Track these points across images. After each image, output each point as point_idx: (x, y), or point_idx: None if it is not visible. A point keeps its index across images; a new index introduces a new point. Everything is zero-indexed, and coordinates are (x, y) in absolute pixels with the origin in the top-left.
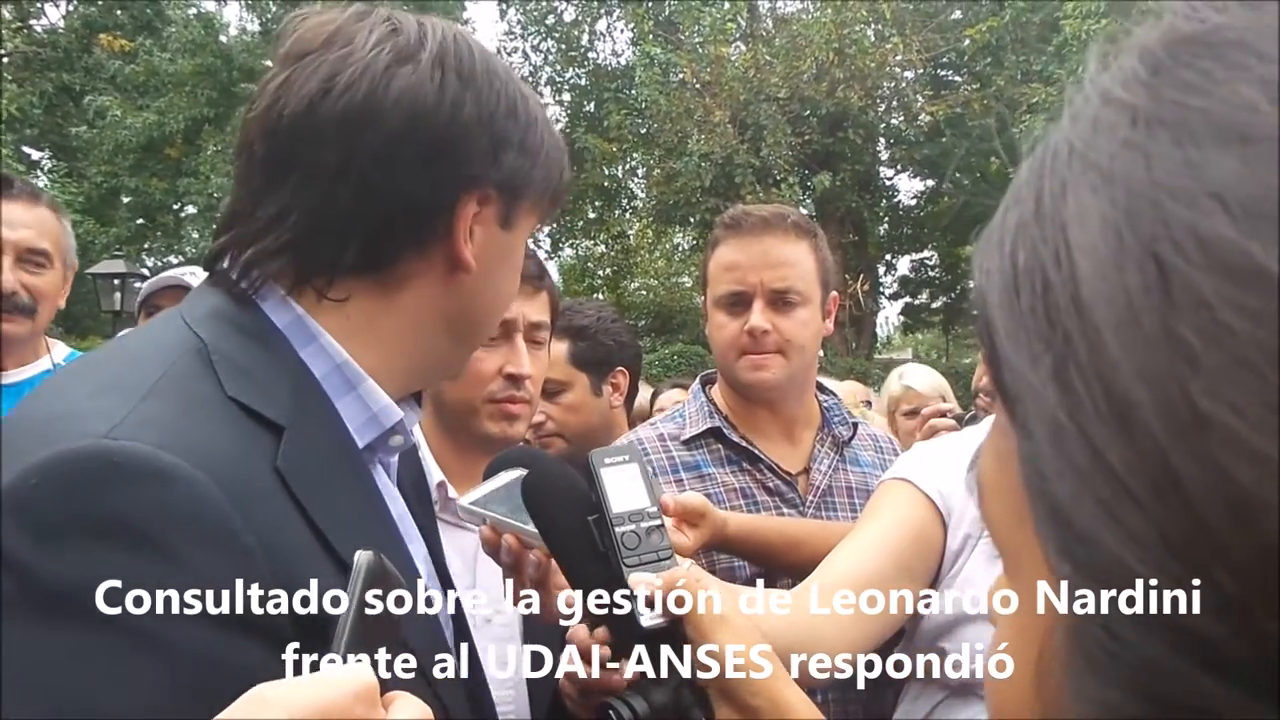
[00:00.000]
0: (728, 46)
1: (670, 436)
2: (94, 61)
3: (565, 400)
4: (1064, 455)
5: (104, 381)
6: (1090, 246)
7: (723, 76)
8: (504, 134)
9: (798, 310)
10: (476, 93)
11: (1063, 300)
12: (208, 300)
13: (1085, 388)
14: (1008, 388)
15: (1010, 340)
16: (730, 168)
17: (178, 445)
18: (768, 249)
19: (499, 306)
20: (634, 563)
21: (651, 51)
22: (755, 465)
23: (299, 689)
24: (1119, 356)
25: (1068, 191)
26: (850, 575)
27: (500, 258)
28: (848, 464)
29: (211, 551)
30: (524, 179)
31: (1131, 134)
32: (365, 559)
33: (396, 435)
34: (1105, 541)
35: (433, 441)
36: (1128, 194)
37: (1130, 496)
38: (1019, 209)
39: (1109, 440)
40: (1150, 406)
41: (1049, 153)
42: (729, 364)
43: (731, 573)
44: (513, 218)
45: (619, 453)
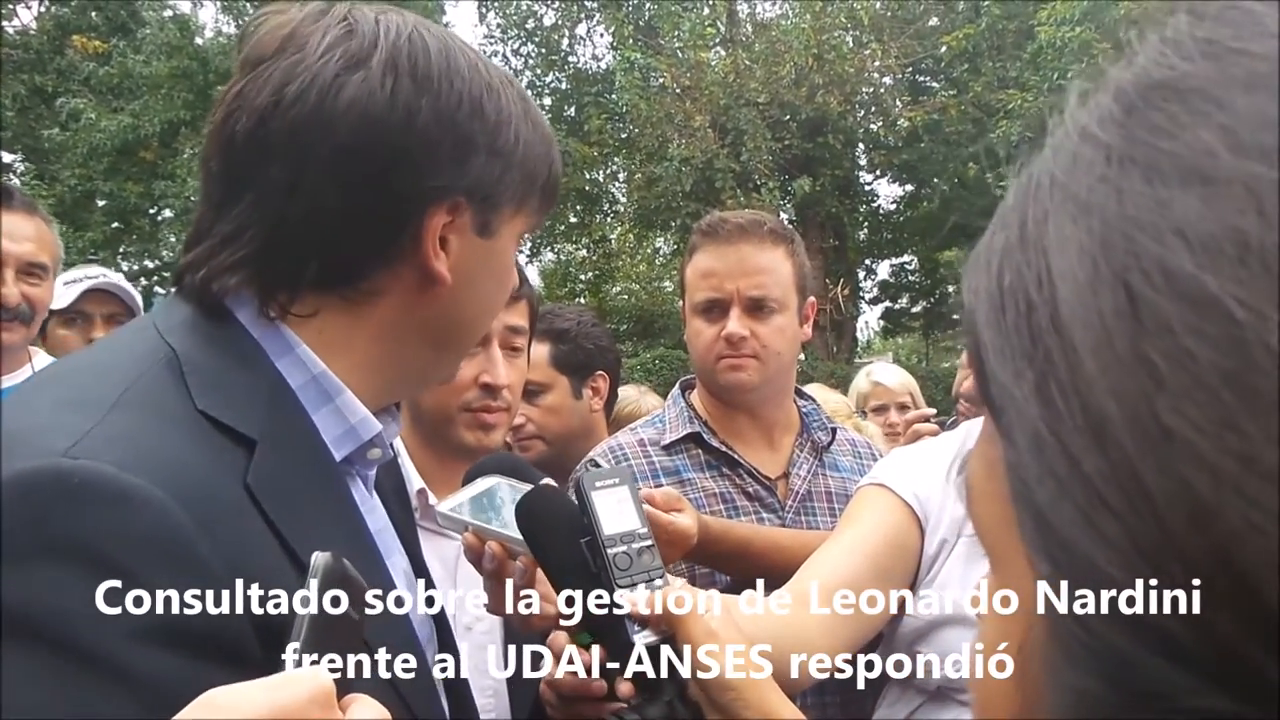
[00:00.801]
0: (707, 51)
1: (650, 442)
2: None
3: (545, 402)
4: (1044, 464)
5: (69, 394)
6: (1069, 272)
7: (702, 81)
8: (468, 138)
9: (774, 317)
10: (434, 96)
11: (1044, 320)
12: (181, 309)
13: (1064, 402)
14: (994, 400)
15: (996, 356)
16: (711, 172)
17: (141, 464)
18: (744, 256)
19: (485, 315)
20: (626, 583)
21: (631, 56)
22: (735, 470)
23: (251, 692)
24: (1094, 374)
25: (1049, 220)
26: (828, 580)
27: (481, 266)
28: (827, 469)
29: (173, 577)
30: (497, 183)
31: (1107, 170)
32: (322, 560)
33: (375, 448)
34: (1081, 545)
35: (412, 448)
36: (1103, 225)
37: (1104, 504)
38: (1005, 233)
39: (1085, 451)
40: (1121, 421)
41: (1033, 182)
42: (707, 369)
43: (713, 581)
44: (492, 224)
45: (609, 475)
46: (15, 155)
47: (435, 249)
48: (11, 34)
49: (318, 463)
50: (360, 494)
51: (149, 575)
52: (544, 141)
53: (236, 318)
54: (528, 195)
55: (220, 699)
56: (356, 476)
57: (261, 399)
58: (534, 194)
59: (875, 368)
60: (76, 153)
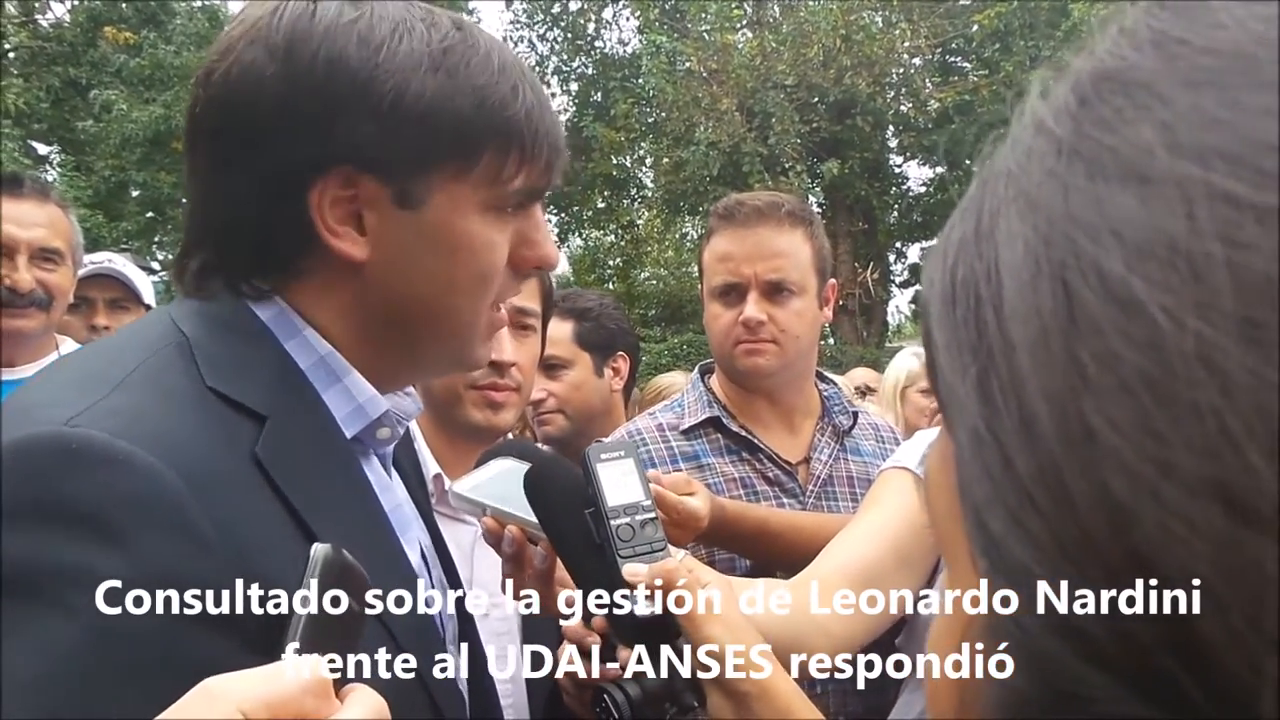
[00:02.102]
0: (734, 34)
1: (669, 426)
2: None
3: (568, 378)
4: (981, 462)
5: (80, 374)
6: (1015, 267)
7: (729, 64)
8: (331, 98)
9: (793, 300)
10: (284, 62)
11: (989, 316)
12: (192, 299)
13: (1002, 400)
14: (941, 395)
15: (944, 350)
16: (738, 156)
17: (139, 433)
18: (761, 240)
19: (452, 295)
20: (628, 554)
21: (658, 40)
22: (755, 455)
23: (247, 682)
24: (1028, 372)
25: (1000, 214)
26: (850, 566)
27: (416, 244)
28: (848, 453)
29: (162, 539)
30: (386, 146)
31: (1055, 164)
32: (321, 551)
33: (383, 427)
34: (1011, 545)
35: (426, 432)
36: (1047, 222)
37: (1033, 504)
38: (962, 226)
39: (1017, 450)
40: (1049, 420)
41: (992, 173)
42: (725, 354)
43: (731, 565)
44: (414, 193)
45: (615, 448)
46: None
47: (330, 226)
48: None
49: (329, 438)
50: (376, 472)
51: (138, 537)
52: (475, 95)
53: (245, 303)
54: (466, 156)
55: (216, 688)
56: (371, 455)
57: (271, 377)
58: (479, 154)
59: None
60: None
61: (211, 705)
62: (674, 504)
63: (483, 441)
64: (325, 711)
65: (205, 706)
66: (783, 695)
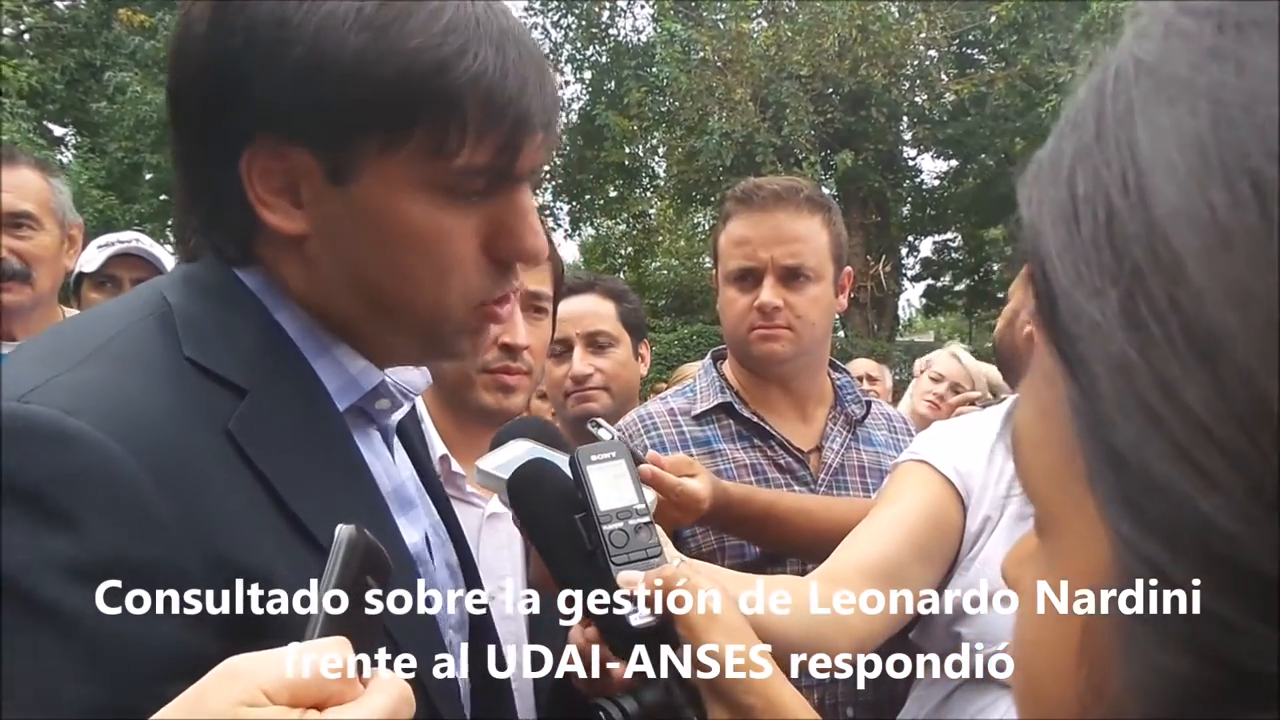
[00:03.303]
0: (749, 23)
1: (680, 411)
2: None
3: (615, 355)
4: (1133, 396)
5: (50, 348)
6: (1166, 165)
7: (744, 54)
8: (246, 62)
9: (809, 287)
10: (217, 26)
11: (1132, 227)
12: (181, 268)
13: (1158, 321)
14: (1065, 327)
15: (1068, 275)
16: (751, 146)
17: (97, 409)
18: (779, 224)
19: (395, 282)
20: (622, 561)
21: (672, 28)
22: (766, 442)
23: (270, 663)
24: (1204, 283)
25: (1135, 110)
26: (868, 561)
27: (348, 221)
28: (860, 443)
29: (112, 518)
30: (306, 114)
31: (1218, 40)
32: (345, 533)
33: (382, 398)
34: (1179, 489)
35: (434, 413)
36: (1213, 104)
37: (1211, 439)
38: (1076, 134)
39: (1186, 377)
40: (1243, 336)
41: (1110, 73)
42: (739, 339)
43: (742, 553)
44: (343, 168)
45: (605, 449)
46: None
47: (261, 197)
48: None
49: (317, 411)
50: (373, 447)
51: (86, 518)
52: (406, 61)
53: (232, 270)
54: (395, 129)
55: (241, 666)
56: (372, 430)
57: (256, 348)
58: (410, 127)
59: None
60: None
61: (233, 684)
62: (672, 485)
63: (492, 424)
64: (348, 696)
65: (227, 685)
66: (786, 706)
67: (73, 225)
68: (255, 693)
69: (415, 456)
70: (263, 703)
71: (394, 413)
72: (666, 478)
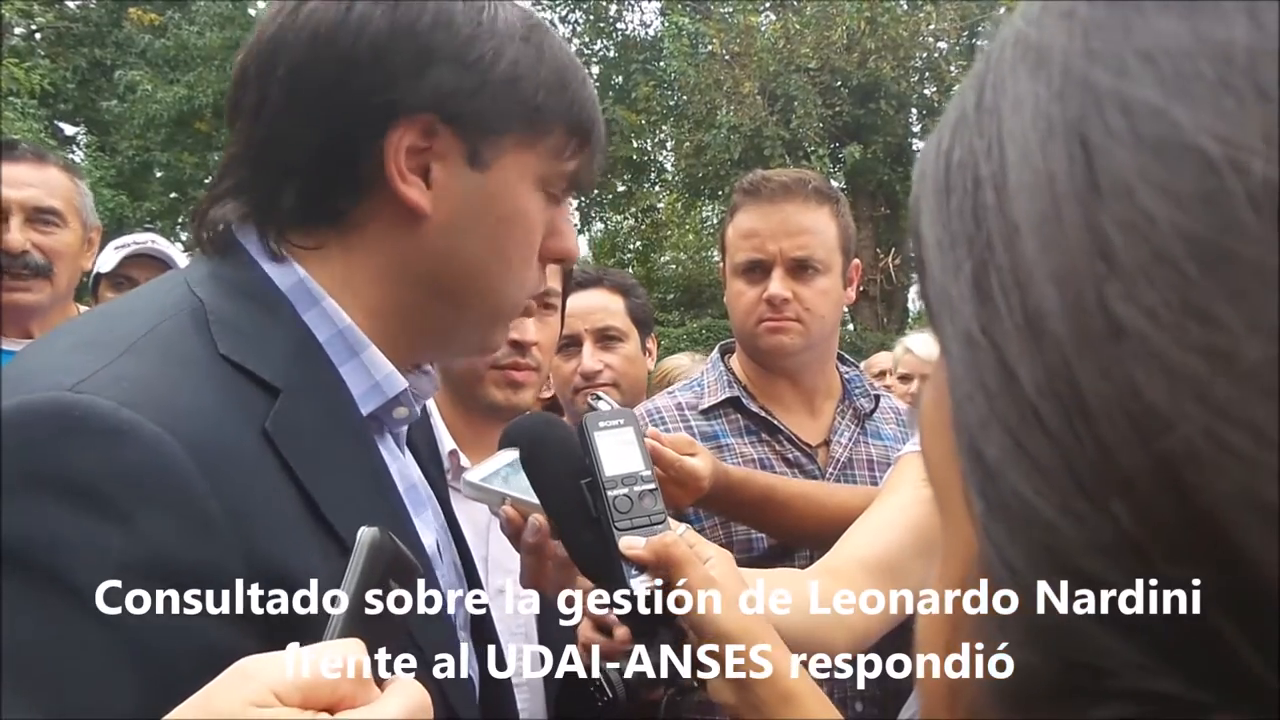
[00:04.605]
0: (757, 16)
1: (688, 405)
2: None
3: (624, 351)
4: (977, 377)
5: (87, 337)
6: (1020, 133)
7: (752, 47)
8: (428, 48)
9: (818, 279)
10: (400, 11)
11: (989, 198)
12: (208, 263)
13: (1003, 295)
14: (931, 305)
15: (935, 249)
16: (760, 140)
17: (146, 402)
18: (787, 216)
19: (500, 267)
20: (625, 526)
21: (680, 22)
22: (774, 436)
23: (282, 663)
24: (1035, 256)
25: (1006, 79)
26: (869, 555)
27: (477, 205)
28: (869, 437)
29: (163, 515)
30: (472, 100)
31: (1074, 4)
32: (368, 536)
33: (400, 406)
34: (1009, 474)
35: (443, 409)
36: (1062, 71)
37: (1038, 421)
38: (960, 103)
39: (1020, 356)
40: (1061, 313)
41: (998, 43)
42: (747, 332)
43: (749, 544)
44: (484, 153)
45: (614, 416)
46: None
47: (402, 172)
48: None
49: (343, 415)
50: (390, 450)
51: (138, 512)
52: (556, 73)
53: (263, 270)
54: (537, 128)
55: (252, 668)
56: (386, 433)
57: (286, 349)
58: (548, 129)
59: (912, 338)
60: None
61: (244, 685)
62: (672, 461)
63: (501, 420)
64: (362, 699)
65: (238, 685)
66: (784, 673)
67: (93, 228)
68: (266, 693)
69: (419, 459)
70: (273, 703)
71: (409, 420)
72: (666, 453)
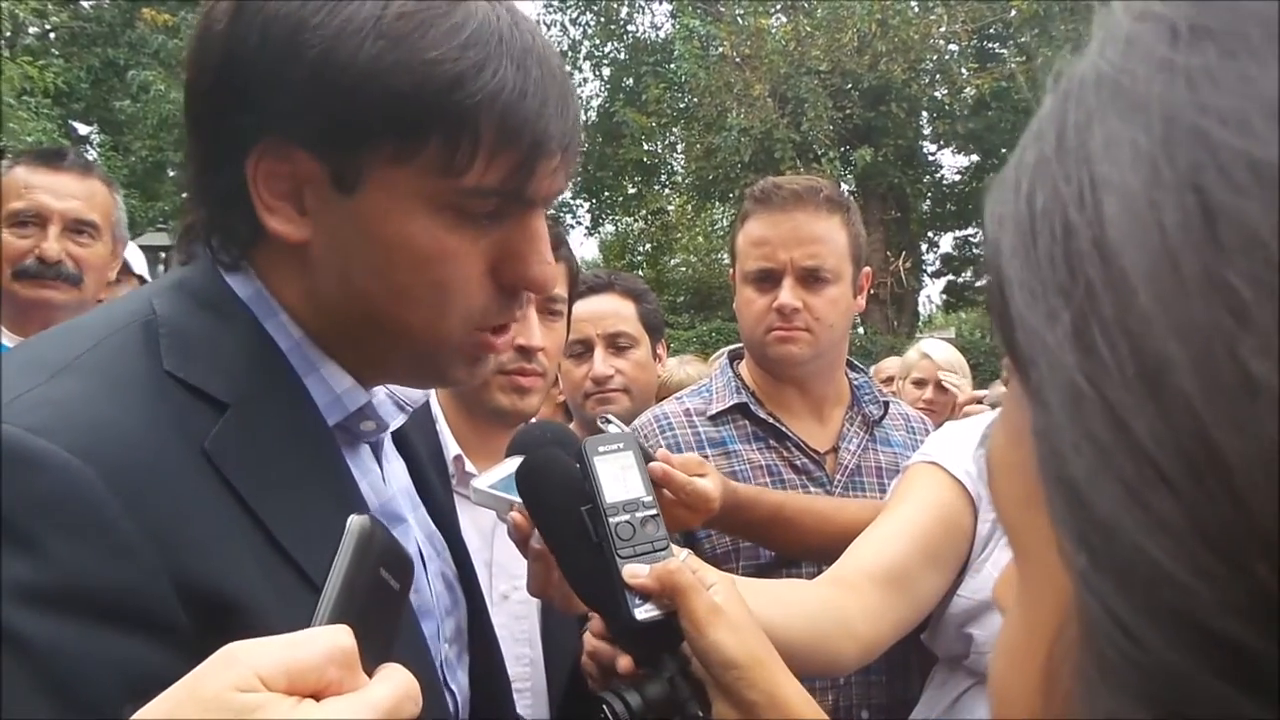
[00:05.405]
0: (768, 18)
1: (696, 411)
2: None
3: (635, 357)
4: (1083, 427)
5: (33, 354)
6: (1120, 182)
7: (763, 49)
8: (261, 62)
9: (828, 288)
10: (237, 24)
11: (1085, 245)
12: (176, 272)
13: (1109, 347)
14: (1021, 350)
15: (1025, 294)
16: (770, 143)
17: (65, 426)
18: (798, 225)
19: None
20: (628, 554)
21: (690, 24)
22: (782, 442)
23: (268, 648)
24: (1151, 309)
25: (1094, 122)
26: (876, 565)
27: (352, 232)
28: (878, 444)
29: (76, 542)
30: (315, 118)
31: (1171, 52)
32: (356, 523)
33: (366, 420)
34: (1127, 528)
35: (449, 414)
36: (1164, 120)
37: (1159, 476)
38: (1038, 145)
39: (1136, 409)
40: (1188, 368)
41: (1075, 81)
42: (757, 340)
43: (756, 552)
44: (349, 175)
45: (613, 440)
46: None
47: (265, 200)
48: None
49: (304, 426)
50: (360, 464)
51: (51, 541)
52: (419, 67)
53: (225, 279)
54: (407, 139)
55: (239, 653)
56: (360, 443)
57: (243, 360)
58: (421, 140)
59: (925, 341)
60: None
61: (229, 669)
62: (683, 484)
63: (507, 425)
64: (349, 684)
65: (223, 670)
66: (791, 703)
67: (120, 240)
68: (251, 678)
69: (415, 465)
70: (257, 688)
71: (378, 434)
72: (677, 476)
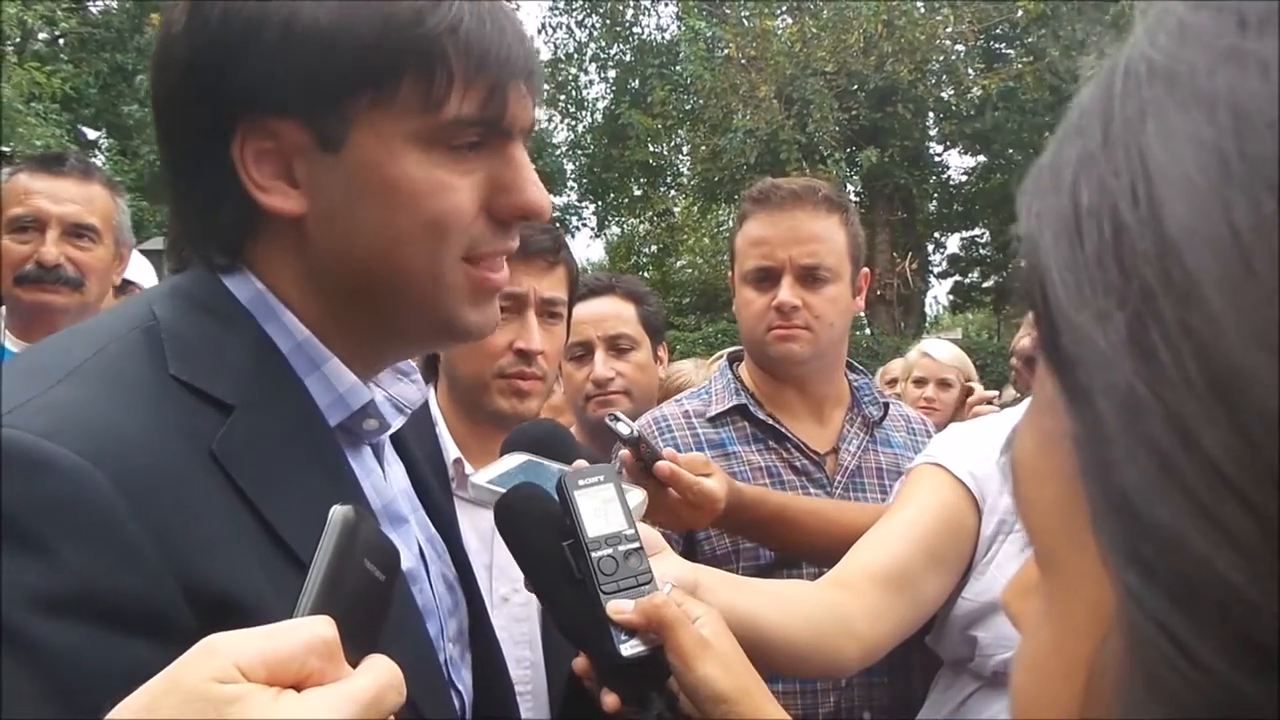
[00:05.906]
0: (773, 20)
1: (695, 413)
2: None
3: (635, 359)
4: (1141, 436)
5: (37, 361)
6: (1182, 179)
7: (768, 51)
8: (228, 42)
9: (827, 287)
10: (193, 19)
11: (1141, 244)
12: (175, 277)
13: (1172, 352)
14: (1065, 352)
15: (1069, 295)
16: (776, 144)
17: (72, 431)
18: (797, 224)
19: (393, 247)
20: (612, 589)
21: (696, 26)
22: (782, 444)
23: (248, 638)
24: (1223, 313)
25: (1148, 115)
26: (879, 566)
27: (347, 188)
28: (878, 445)
29: (86, 546)
30: (291, 82)
31: (1238, 39)
32: (340, 514)
33: (369, 418)
34: (1192, 543)
35: (448, 417)
36: (1234, 113)
37: (1230, 488)
38: (1081, 139)
39: (1205, 418)
40: (1269, 377)
41: (1119, 74)
42: (756, 340)
43: (756, 553)
44: (334, 133)
45: (593, 474)
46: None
47: (257, 181)
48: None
49: (307, 428)
50: (363, 464)
51: (60, 545)
52: (377, 13)
53: (223, 283)
54: (380, 83)
55: (220, 644)
56: (362, 445)
57: (246, 363)
58: (395, 80)
59: (928, 341)
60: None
61: (209, 660)
62: (689, 484)
63: (507, 428)
64: (331, 675)
65: (203, 661)
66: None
67: (125, 244)
68: (230, 669)
69: (413, 468)
70: (237, 679)
71: (381, 433)
72: (684, 476)
